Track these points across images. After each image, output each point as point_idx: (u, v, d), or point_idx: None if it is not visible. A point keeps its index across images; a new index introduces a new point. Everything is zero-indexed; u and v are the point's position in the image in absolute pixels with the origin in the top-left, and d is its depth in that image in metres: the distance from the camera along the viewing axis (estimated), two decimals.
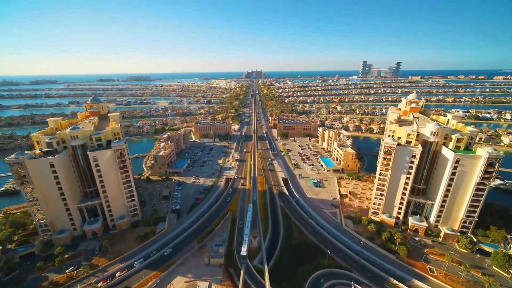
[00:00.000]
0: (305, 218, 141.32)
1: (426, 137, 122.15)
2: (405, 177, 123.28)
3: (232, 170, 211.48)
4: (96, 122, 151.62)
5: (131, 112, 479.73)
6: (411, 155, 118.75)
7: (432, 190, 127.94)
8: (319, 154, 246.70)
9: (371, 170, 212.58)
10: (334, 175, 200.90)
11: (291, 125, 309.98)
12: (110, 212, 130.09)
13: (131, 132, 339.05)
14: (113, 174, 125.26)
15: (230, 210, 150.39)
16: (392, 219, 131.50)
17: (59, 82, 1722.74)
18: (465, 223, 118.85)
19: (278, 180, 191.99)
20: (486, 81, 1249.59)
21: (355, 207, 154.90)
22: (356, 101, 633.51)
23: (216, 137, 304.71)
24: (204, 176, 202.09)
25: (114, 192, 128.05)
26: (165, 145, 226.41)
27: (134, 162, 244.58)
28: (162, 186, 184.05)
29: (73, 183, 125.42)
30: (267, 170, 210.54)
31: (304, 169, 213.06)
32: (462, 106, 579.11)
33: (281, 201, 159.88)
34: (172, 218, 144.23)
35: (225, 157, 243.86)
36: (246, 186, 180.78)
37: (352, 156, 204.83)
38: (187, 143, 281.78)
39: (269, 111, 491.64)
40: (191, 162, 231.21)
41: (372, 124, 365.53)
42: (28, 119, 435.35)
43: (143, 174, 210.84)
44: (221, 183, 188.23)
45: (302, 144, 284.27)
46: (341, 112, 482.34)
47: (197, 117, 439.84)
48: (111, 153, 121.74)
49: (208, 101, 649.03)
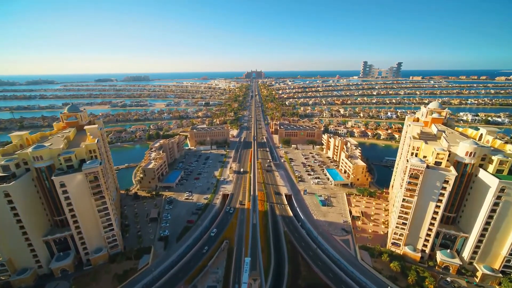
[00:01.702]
0: (313, 249, 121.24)
1: (459, 157, 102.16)
2: (434, 205, 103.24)
3: (229, 184, 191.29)
4: (72, 135, 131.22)
5: (126, 115, 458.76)
6: (443, 180, 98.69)
7: (464, 219, 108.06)
8: (324, 165, 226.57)
9: (383, 184, 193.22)
10: (342, 191, 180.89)
11: (294, 131, 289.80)
12: (84, 244, 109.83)
13: (123, 138, 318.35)
14: (86, 201, 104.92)
15: (226, 238, 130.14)
16: (417, 253, 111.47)
17: (56, 82, 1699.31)
18: (508, 262, 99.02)
19: (280, 197, 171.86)
20: (488, 82, 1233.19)
21: (369, 233, 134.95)
22: (359, 103, 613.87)
23: (213, 144, 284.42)
24: (198, 191, 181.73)
25: (87, 222, 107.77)
26: (156, 156, 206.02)
27: (124, 174, 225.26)
28: (150, 205, 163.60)
29: (37, 212, 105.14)
30: (268, 184, 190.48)
31: (309, 183, 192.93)
32: (468, 109, 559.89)
33: (285, 226, 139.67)
34: (158, 248, 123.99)
35: (223, 168, 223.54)
36: (245, 205, 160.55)
37: (362, 169, 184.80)
38: (181, 151, 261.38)
39: (269, 114, 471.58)
40: (185, 174, 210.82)
41: (378, 129, 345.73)
42: (16, 123, 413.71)
43: (131, 189, 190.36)
44: (217, 201, 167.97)
45: (305, 152, 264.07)
46: (344, 115, 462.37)
47: (194, 121, 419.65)
48: (82, 177, 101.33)
49: (206, 103, 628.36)
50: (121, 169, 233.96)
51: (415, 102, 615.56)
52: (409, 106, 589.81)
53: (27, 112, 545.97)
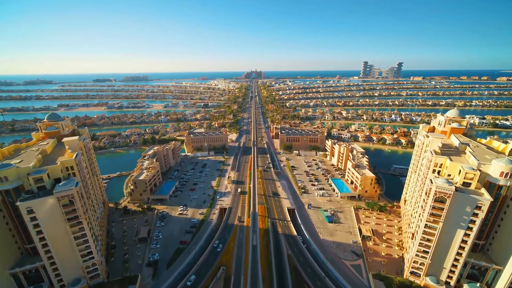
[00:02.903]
0: (321, 278, 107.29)
1: (492, 178, 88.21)
2: (462, 233, 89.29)
3: (227, 196, 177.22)
4: (50, 148, 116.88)
5: (121, 118, 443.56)
6: (475, 206, 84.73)
7: (497, 248, 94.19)
8: (329, 174, 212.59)
9: (392, 196, 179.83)
10: (350, 204, 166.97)
11: (295, 136, 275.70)
12: (59, 276, 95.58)
13: (117, 143, 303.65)
14: (60, 227, 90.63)
15: (222, 263, 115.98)
16: (441, 285, 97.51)
17: (54, 82, 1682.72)
18: None
19: (283, 211, 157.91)
20: (490, 82, 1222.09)
21: (383, 257, 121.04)
22: (361, 105, 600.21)
23: (211, 150, 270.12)
24: (193, 205, 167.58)
25: (62, 250, 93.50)
26: (149, 165, 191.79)
27: (115, 183, 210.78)
28: (141, 221, 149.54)
29: (3, 241, 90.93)
30: (269, 196, 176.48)
31: (313, 195, 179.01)
32: (473, 111, 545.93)
33: (288, 247, 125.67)
34: (146, 275, 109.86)
35: (220, 177, 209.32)
36: (244, 221, 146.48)
37: (371, 180, 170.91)
38: (177, 158, 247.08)
39: (269, 116, 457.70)
40: (180, 184, 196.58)
41: (383, 134, 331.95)
42: (7, 126, 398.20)
43: (121, 201, 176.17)
44: (214, 216, 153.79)
45: (308, 159, 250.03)
46: (347, 118, 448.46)
47: (191, 124, 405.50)
48: (54, 201, 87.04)
49: (205, 104, 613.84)
50: (112, 178, 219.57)
51: (418, 104, 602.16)
52: (412, 108, 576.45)
53: (20, 114, 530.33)
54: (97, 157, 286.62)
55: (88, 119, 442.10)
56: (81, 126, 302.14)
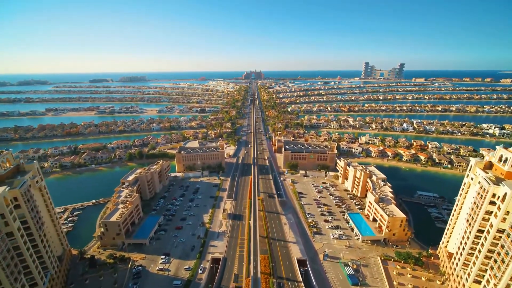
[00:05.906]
0: None
1: None
2: None
3: (221, 240, 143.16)
4: None
5: (110, 126, 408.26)
6: None
7: None
8: (343, 204, 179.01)
9: (423, 236, 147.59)
10: (374, 252, 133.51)
11: (301, 154, 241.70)
12: None
13: (99, 159, 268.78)
14: None
15: None
16: None
17: (49, 82, 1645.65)
18: None
19: (291, 265, 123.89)
20: (494, 85, 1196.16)
21: None
22: (367, 110, 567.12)
23: (205, 169, 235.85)
24: (178, 254, 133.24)
25: None
26: (127, 196, 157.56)
27: (88, 215, 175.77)
28: (108, 281, 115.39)
29: None
30: (274, 240, 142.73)
31: (328, 237, 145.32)
32: (485, 117, 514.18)
33: None
34: None
35: (214, 208, 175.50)
36: (243, 284, 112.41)
37: (401, 222, 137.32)
38: (165, 181, 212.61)
39: (270, 124, 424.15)
40: (165, 219, 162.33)
41: (397, 147, 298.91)
42: None
43: (89, 246, 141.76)
44: (203, 275, 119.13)
45: (317, 181, 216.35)
46: (354, 127, 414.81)
47: (186, 133, 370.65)
48: None
49: (201, 109, 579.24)
50: (86, 207, 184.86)
51: (427, 109, 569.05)
52: (421, 114, 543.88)
53: (2, 120, 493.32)
54: (74, 177, 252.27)
55: (74, 126, 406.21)
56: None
